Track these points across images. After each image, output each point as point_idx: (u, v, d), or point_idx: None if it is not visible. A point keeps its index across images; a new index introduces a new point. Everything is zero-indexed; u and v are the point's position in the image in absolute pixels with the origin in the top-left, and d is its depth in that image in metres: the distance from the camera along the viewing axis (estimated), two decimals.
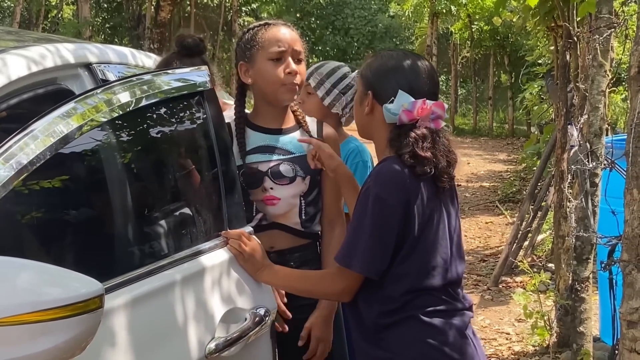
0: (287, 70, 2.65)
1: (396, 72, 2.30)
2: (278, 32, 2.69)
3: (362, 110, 2.35)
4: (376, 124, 2.32)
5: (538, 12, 5.60)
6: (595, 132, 3.15)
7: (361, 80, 2.38)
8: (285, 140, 2.73)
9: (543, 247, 7.90)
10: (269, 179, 2.68)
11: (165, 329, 2.05)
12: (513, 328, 5.87)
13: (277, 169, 2.68)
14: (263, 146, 2.71)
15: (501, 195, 11.21)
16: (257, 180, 2.67)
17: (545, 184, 7.54)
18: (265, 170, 2.68)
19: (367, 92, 2.32)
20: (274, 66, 2.66)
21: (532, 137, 11.90)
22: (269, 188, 2.68)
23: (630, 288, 2.15)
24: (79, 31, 17.06)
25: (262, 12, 25.12)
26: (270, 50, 2.66)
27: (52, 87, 2.18)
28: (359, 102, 2.37)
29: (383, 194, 2.18)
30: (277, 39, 2.67)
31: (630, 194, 2.15)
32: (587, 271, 3.31)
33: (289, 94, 2.69)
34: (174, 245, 2.29)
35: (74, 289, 1.52)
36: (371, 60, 2.39)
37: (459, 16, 19.78)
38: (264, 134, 2.73)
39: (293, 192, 2.69)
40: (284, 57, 2.66)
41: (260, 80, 2.70)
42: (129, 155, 2.24)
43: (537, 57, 11.27)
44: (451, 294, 2.27)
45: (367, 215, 2.20)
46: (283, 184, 2.68)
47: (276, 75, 2.66)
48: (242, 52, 2.73)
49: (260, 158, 2.69)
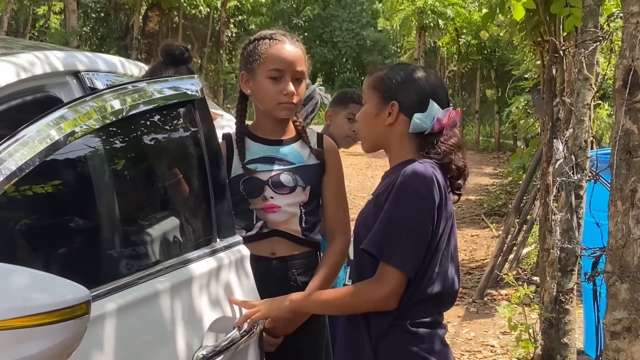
0: (284, 91, 2.66)
1: (418, 82, 2.32)
2: (282, 49, 2.69)
3: (379, 121, 2.33)
4: (397, 134, 2.32)
5: (525, 26, 5.64)
6: (580, 145, 3.18)
7: (374, 92, 2.36)
8: (286, 150, 2.75)
9: (528, 260, 7.92)
10: (270, 188, 2.69)
11: (154, 337, 2.05)
12: (498, 340, 5.88)
13: (277, 179, 2.69)
14: (264, 157, 2.72)
15: (487, 209, 11.24)
16: (258, 190, 2.69)
17: (531, 198, 7.57)
18: (265, 180, 2.69)
19: (388, 102, 2.31)
20: (272, 84, 2.67)
21: (518, 151, 11.94)
22: (269, 197, 2.70)
23: (613, 299, 2.17)
24: (67, 41, 17.03)
25: (250, 24, 25.17)
26: (270, 68, 2.67)
27: (40, 95, 2.19)
28: (374, 113, 2.35)
29: (423, 190, 2.18)
30: (279, 57, 2.67)
31: (614, 206, 2.17)
32: (572, 283, 3.34)
33: (285, 111, 2.71)
34: (162, 254, 2.29)
35: (61, 295, 1.51)
36: (386, 72, 2.38)
37: (447, 30, 19.86)
38: (264, 145, 2.75)
39: (293, 201, 2.71)
40: (283, 77, 2.67)
41: (258, 95, 2.72)
42: (118, 163, 2.24)
43: (523, 72, 11.33)
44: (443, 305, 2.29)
45: (405, 211, 2.19)
46: (283, 194, 2.70)
47: (273, 94, 2.67)
48: (245, 61, 2.74)
49: (261, 168, 2.70)
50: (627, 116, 2.13)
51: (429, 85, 2.33)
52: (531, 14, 5.36)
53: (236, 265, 2.45)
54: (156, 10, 17.69)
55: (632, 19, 2.13)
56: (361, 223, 2.32)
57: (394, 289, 2.18)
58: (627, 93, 2.12)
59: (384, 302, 2.19)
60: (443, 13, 18.80)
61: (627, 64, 2.13)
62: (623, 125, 2.13)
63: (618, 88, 2.15)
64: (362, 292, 2.24)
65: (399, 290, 2.18)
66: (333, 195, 2.75)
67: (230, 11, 23.22)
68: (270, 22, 27.17)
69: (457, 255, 2.33)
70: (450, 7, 18.73)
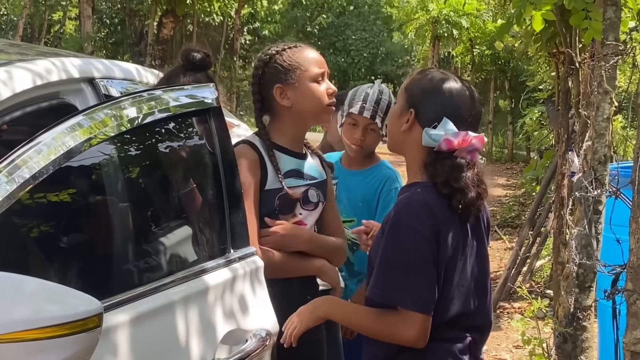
0: (330, 90, 2.67)
1: (442, 96, 2.24)
2: (312, 53, 2.71)
3: (398, 124, 2.29)
4: (411, 142, 2.26)
5: (540, 37, 5.59)
6: (599, 159, 3.13)
7: (405, 94, 2.30)
8: (307, 164, 2.73)
9: (542, 273, 7.86)
10: (300, 205, 2.68)
11: (166, 347, 2.03)
12: (511, 355, 5.83)
13: (306, 194, 2.69)
14: (294, 170, 2.70)
15: (500, 220, 11.18)
16: (291, 206, 2.67)
17: (545, 210, 7.52)
18: (298, 196, 2.68)
19: (409, 109, 2.26)
20: (318, 87, 2.66)
21: (531, 162, 11.90)
22: (299, 214, 2.69)
23: (634, 318, 2.13)
24: (81, 46, 17.09)
25: (263, 31, 25.22)
26: (314, 72, 2.66)
27: (55, 102, 2.17)
28: (398, 115, 2.30)
29: (415, 225, 2.12)
30: (316, 60, 2.69)
31: (635, 223, 2.14)
32: (590, 300, 3.30)
33: (329, 114, 2.74)
34: (176, 264, 2.27)
35: (73, 307, 1.50)
36: (419, 77, 2.33)
37: (461, 40, 19.84)
38: (292, 158, 2.71)
39: (316, 217, 2.73)
40: (323, 78, 2.68)
41: (305, 102, 2.66)
42: (133, 172, 2.23)
43: (538, 83, 11.26)
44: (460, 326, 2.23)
45: (402, 250, 2.13)
46: (310, 210, 2.70)
47: (322, 97, 2.66)
48: (278, 74, 2.66)
49: (293, 183, 2.67)
50: None
51: (451, 102, 2.23)
52: (547, 25, 5.32)
53: (251, 277, 2.42)
54: (170, 17, 17.73)
55: None
56: (374, 248, 2.28)
57: (421, 330, 2.12)
58: None
59: (413, 342, 2.15)
60: (457, 23, 18.78)
61: None
62: None
63: None
64: (394, 328, 2.15)
65: (427, 329, 2.13)
66: (331, 205, 2.81)
67: (244, 18, 23.27)
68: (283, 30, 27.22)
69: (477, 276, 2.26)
70: (464, 17, 18.71)
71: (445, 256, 2.14)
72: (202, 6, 19.45)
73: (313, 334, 2.67)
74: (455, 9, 18.56)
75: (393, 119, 2.34)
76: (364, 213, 3.12)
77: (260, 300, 2.43)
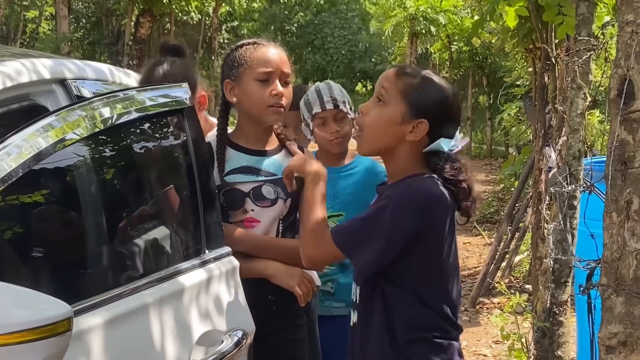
0: (273, 92, 2.62)
1: (451, 107, 2.27)
2: (267, 52, 2.66)
3: (399, 131, 2.22)
4: (411, 149, 2.24)
5: (517, 33, 5.62)
6: (574, 155, 3.15)
7: (405, 100, 2.22)
8: (268, 161, 2.70)
9: (520, 268, 7.90)
10: (251, 200, 2.64)
11: (141, 350, 2.01)
12: (490, 350, 5.85)
13: (259, 191, 2.65)
14: (245, 167, 2.67)
15: (479, 216, 11.21)
16: (239, 201, 2.64)
17: (523, 205, 7.55)
18: (247, 191, 2.64)
19: (417, 118, 2.21)
20: (260, 87, 2.63)
21: (510, 158, 11.95)
22: (250, 210, 2.65)
23: (609, 313, 2.13)
24: (58, 47, 16.96)
25: (241, 30, 25.16)
26: (258, 70, 2.63)
27: (26, 103, 2.15)
28: (398, 122, 2.21)
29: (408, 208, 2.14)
30: (266, 59, 2.65)
31: (609, 218, 2.14)
32: (566, 294, 3.31)
33: (275, 115, 2.66)
34: (151, 265, 2.25)
35: (42, 312, 1.48)
36: (419, 82, 2.24)
37: (439, 36, 19.88)
38: (246, 155, 2.69)
39: (274, 215, 2.67)
40: (271, 79, 2.63)
41: (246, 100, 2.66)
42: (106, 172, 2.21)
43: (515, 79, 11.30)
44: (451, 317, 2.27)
45: (381, 216, 2.15)
46: (265, 206, 2.65)
47: (262, 97, 2.62)
48: (228, 69, 2.69)
49: (242, 179, 2.65)
50: (622, 126, 2.10)
51: (455, 108, 2.29)
52: (523, 21, 5.35)
53: (226, 277, 2.41)
54: (148, 16, 17.62)
55: (627, 27, 2.10)
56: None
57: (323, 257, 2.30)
58: (622, 103, 2.09)
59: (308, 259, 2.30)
60: (435, 20, 18.81)
61: (622, 73, 2.10)
62: (618, 136, 2.10)
63: (613, 98, 2.12)
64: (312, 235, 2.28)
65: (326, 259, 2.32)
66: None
67: (222, 17, 23.20)
68: (262, 28, 27.17)
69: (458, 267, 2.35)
70: (442, 13, 18.74)
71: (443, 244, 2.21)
72: (180, 5, 19.37)
73: (293, 333, 2.67)
74: (432, 5, 18.59)
75: (388, 124, 2.23)
76: (355, 207, 3.09)
77: (236, 301, 2.42)
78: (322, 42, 30.90)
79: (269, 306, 2.63)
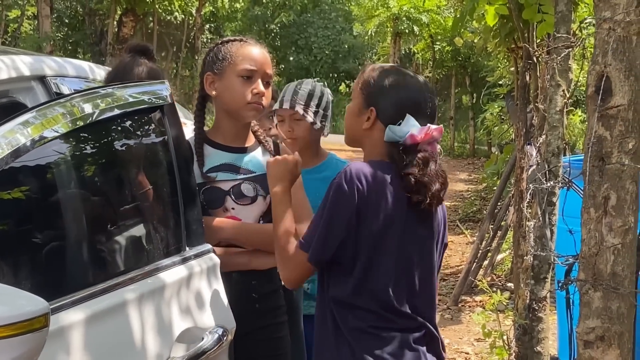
0: (254, 90, 2.63)
1: (401, 92, 2.29)
2: (252, 50, 2.68)
3: (359, 122, 2.32)
4: (373, 139, 2.30)
5: (499, 33, 5.65)
6: (553, 152, 3.17)
7: (362, 93, 2.33)
8: (247, 159, 2.70)
9: (503, 266, 7.93)
10: (231, 198, 2.64)
11: (121, 346, 2.01)
12: (472, 347, 5.88)
13: (238, 188, 2.65)
14: (225, 164, 2.67)
15: (462, 215, 11.26)
16: (219, 200, 2.64)
17: (505, 204, 7.59)
18: (227, 190, 2.64)
19: (368, 107, 2.29)
20: (242, 83, 2.64)
21: (492, 157, 12.00)
22: (231, 208, 2.65)
23: (586, 308, 2.15)
24: (40, 46, 16.86)
25: (225, 30, 25.10)
26: (242, 67, 2.64)
27: (5, 100, 2.15)
28: (357, 113, 2.33)
29: (343, 187, 2.18)
30: (251, 57, 2.66)
31: (587, 213, 2.16)
32: (545, 290, 3.33)
33: (253, 112, 2.67)
34: (131, 262, 2.25)
35: (19, 307, 1.48)
36: (375, 74, 2.34)
37: (422, 36, 19.92)
38: (226, 152, 2.69)
39: (254, 213, 2.67)
40: (254, 77, 2.64)
41: (227, 95, 2.66)
42: (85, 169, 2.20)
43: (497, 78, 11.36)
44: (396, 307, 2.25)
45: (325, 204, 2.21)
46: (245, 204, 2.65)
47: (243, 93, 2.63)
48: (211, 63, 2.69)
49: (222, 177, 2.65)
50: (600, 122, 2.12)
51: (410, 97, 2.29)
52: (505, 21, 5.37)
53: (207, 274, 2.41)
54: (130, 16, 17.53)
55: (604, 24, 2.12)
56: None
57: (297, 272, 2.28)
58: (600, 99, 2.11)
59: (285, 279, 2.33)
60: (418, 19, 18.84)
61: (600, 70, 2.12)
62: (596, 132, 2.12)
63: (591, 94, 2.14)
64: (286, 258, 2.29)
65: (302, 273, 2.28)
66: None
67: (205, 17, 23.13)
68: (245, 28, 27.12)
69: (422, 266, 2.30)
70: (425, 13, 18.78)
71: (373, 228, 2.19)
72: (163, 4, 19.30)
73: (276, 331, 2.67)
74: (415, 5, 18.63)
75: (352, 117, 2.36)
76: None
77: (217, 298, 2.42)
78: (306, 42, 30.87)
79: (252, 304, 2.63)
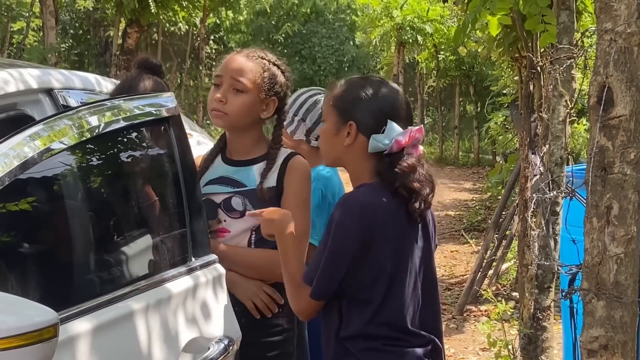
0: (215, 95, 2.66)
1: (378, 100, 2.26)
2: (230, 57, 2.71)
3: (338, 141, 2.27)
4: (356, 154, 2.27)
5: (502, 42, 5.66)
6: (556, 161, 3.18)
7: (335, 110, 2.29)
8: (243, 172, 2.70)
9: (507, 275, 7.93)
10: (222, 211, 2.67)
11: (128, 357, 2.03)
12: (477, 357, 5.87)
13: (228, 202, 2.67)
14: (222, 177, 2.70)
15: (466, 224, 11.25)
16: (212, 212, 2.66)
17: (510, 213, 7.58)
18: (219, 202, 2.67)
19: (346, 122, 2.25)
20: (213, 90, 2.70)
21: (497, 166, 11.99)
22: (223, 220, 2.68)
23: (590, 317, 2.16)
24: (45, 57, 16.92)
25: (229, 41, 25.17)
26: (215, 74, 2.71)
27: (13, 113, 2.17)
28: (334, 132, 2.28)
29: (346, 222, 2.17)
30: (223, 64, 2.70)
31: (590, 223, 2.17)
32: (549, 300, 3.34)
33: (214, 119, 2.69)
34: (137, 273, 2.27)
35: (28, 318, 1.49)
36: (343, 89, 2.31)
37: (425, 46, 19.95)
38: (226, 165, 2.73)
39: (244, 226, 2.66)
40: (221, 83, 2.67)
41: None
42: (93, 181, 2.22)
43: (501, 87, 11.37)
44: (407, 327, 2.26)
45: (328, 241, 2.19)
46: (235, 217, 2.67)
47: (210, 99, 2.68)
48: None
49: (217, 189, 2.68)
50: (602, 132, 2.13)
51: (387, 103, 2.27)
52: (508, 30, 5.38)
53: (213, 284, 2.43)
54: (135, 27, 17.59)
55: (605, 35, 2.13)
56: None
57: (306, 307, 2.28)
58: (602, 109, 2.12)
59: (296, 312, 2.34)
60: (422, 29, 18.87)
61: (602, 80, 2.13)
62: (598, 142, 2.13)
63: (593, 104, 2.15)
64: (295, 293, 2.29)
65: (311, 309, 2.28)
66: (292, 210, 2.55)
67: (209, 28, 23.20)
68: (249, 39, 27.16)
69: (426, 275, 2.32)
70: (428, 23, 18.81)
71: (385, 255, 2.19)
72: (167, 16, 19.36)
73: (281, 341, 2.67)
74: (419, 15, 18.67)
75: (329, 138, 2.31)
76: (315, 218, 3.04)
77: (223, 308, 2.43)
78: (310, 51, 30.90)
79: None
